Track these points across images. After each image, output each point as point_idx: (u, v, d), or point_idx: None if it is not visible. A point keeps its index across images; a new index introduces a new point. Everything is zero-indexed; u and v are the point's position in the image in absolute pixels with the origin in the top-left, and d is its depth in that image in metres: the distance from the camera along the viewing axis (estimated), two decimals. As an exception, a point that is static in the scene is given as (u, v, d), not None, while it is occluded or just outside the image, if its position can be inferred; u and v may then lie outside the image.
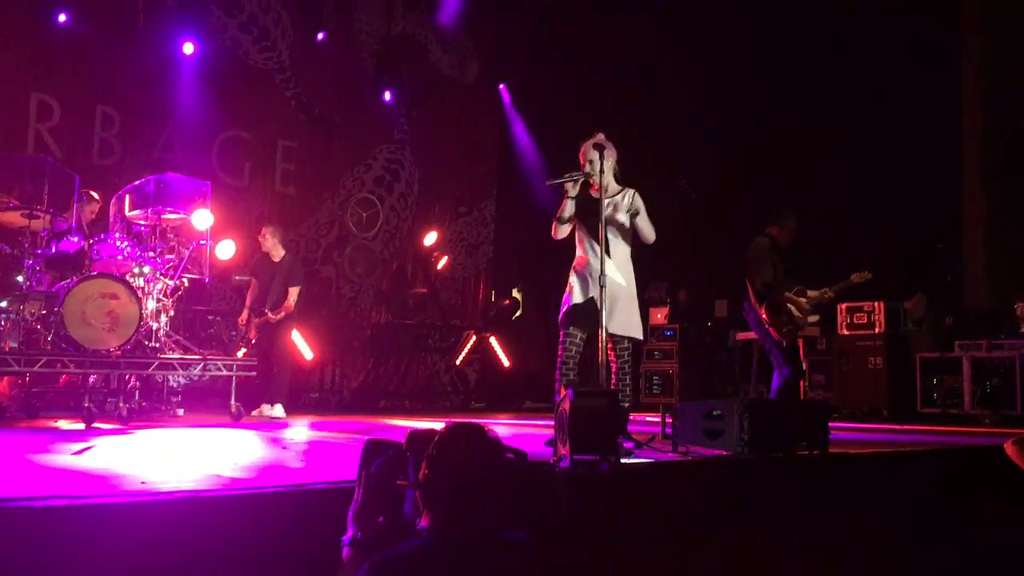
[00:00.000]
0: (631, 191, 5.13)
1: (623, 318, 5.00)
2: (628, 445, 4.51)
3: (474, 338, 10.96)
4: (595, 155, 4.99)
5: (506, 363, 11.08)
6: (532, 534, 2.09)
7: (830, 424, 4.70)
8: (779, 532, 3.95)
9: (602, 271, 4.67)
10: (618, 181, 5.15)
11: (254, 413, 7.39)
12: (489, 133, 12.71)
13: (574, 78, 11.67)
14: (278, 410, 7.47)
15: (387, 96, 11.50)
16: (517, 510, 2.18)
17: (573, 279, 5.14)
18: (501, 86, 12.65)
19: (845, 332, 9.89)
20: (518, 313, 11.94)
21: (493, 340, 11.06)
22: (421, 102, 11.91)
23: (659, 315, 11.31)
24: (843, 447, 4.92)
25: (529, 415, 9.10)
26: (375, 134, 11.53)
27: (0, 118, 8.42)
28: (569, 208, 5.07)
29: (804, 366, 8.87)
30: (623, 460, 3.91)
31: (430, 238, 11.36)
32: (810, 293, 6.65)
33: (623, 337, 5.02)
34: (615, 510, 3.59)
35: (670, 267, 11.65)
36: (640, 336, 5.13)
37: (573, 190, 5.05)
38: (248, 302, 7.99)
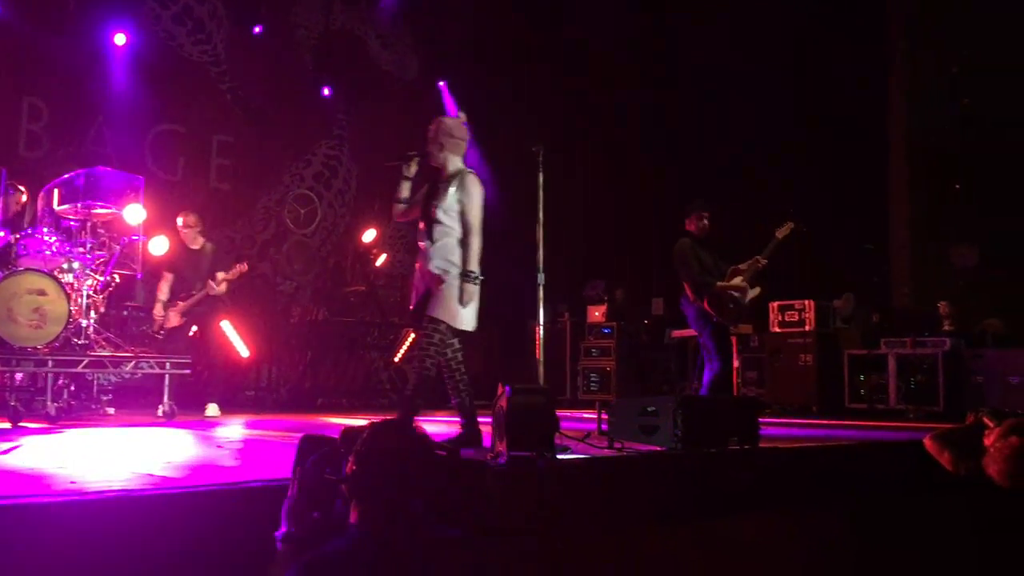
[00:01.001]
0: (466, 174, 4.72)
1: (436, 303, 4.55)
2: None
3: (412, 336, 10.91)
4: (432, 133, 4.81)
5: (445, 361, 11.04)
6: (465, 531, 2.12)
7: (761, 420, 4.83)
8: (714, 527, 4.03)
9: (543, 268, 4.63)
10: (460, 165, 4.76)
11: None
12: (428, 130, 12.63)
13: (514, 76, 11.71)
14: (212, 409, 7.34)
15: (326, 91, 11.39)
16: (449, 507, 2.20)
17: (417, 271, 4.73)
18: (441, 83, 12.61)
19: (777, 330, 10.10)
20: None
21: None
22: (360, 98, 11.82)
23: (597, 313, 11.38)
24: (773, 442, 5.05)
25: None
26: (314, 130, 11.42)
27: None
28: (404, 189, 4.85)
29: (736, 363, 9.04)
30: (559, 456, 3.96)
31: (369, 235, 11.27)
32: (741, 267, 6.77)
33: (438, 320, 4.57)
34: (551, 506, 3.63)
35: (607, 266, 11.79)
36: (460, 326, 4.64)
37: (408, 170, 4.82)
38: (163, 296, 7.46)
